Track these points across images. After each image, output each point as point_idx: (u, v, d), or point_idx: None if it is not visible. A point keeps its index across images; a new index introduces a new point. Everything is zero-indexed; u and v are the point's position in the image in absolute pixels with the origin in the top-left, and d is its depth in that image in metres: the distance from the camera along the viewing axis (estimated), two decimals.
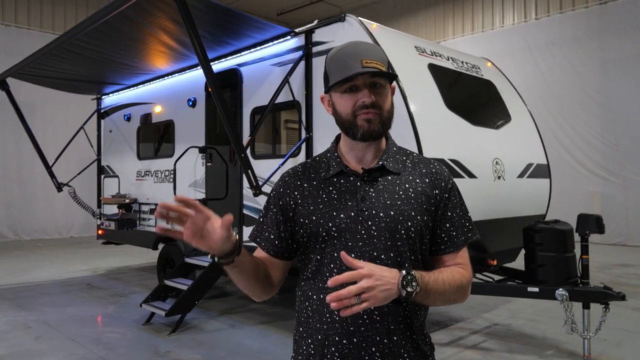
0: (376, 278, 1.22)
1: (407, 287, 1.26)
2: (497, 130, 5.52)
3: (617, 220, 11.63)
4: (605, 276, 8.04)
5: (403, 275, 1.27)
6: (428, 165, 1.54)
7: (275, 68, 5.62)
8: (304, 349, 1.48)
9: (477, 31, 15.15)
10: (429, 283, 1.34)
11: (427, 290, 1.33)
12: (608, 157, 12.17)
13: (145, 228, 7.61)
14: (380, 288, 1.22)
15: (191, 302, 5.55)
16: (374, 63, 1.41)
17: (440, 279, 1.38)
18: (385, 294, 1.23)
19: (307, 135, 5.21)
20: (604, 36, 12.27)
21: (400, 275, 1.27)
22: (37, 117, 12.92)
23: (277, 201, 1.55)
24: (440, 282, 1.38)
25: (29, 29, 14.14)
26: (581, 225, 4.40)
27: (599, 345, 4.71)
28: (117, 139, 8.52)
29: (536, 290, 4.45)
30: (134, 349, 4.85)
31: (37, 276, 8.50)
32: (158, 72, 7.20)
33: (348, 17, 4.96)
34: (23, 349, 4.81)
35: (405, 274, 1.28)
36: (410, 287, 1.27)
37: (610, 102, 12.16)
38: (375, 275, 1.22)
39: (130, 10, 4.77)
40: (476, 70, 5.89)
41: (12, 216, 13.69)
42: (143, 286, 7.59)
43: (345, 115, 1.45)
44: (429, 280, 1.34)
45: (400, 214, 1.42)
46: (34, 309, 6.30)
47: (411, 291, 1.27)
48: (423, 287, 1.31)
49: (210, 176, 6.39)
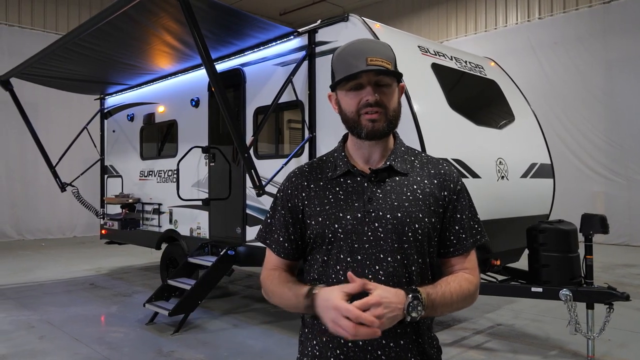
0: (385, 306, 1.23)
1: (412, 313, 1.27)
2: (501, 130, 5.50)
3: (620, 220, 11.58)
4: (609, 276, 8.02)
5: (409, 302, 1.27)
6: (437, 166, 1.51)
7: (278, 68, 5.62)
8: (309, 350, 1.48)
9: (480, 31, 15.12)
10: (436, 300, 1.34)
11: (434, 306, 1.33)
12: (612, 156, 12.13)
13: (148, 228, 7.63)
14: (387, 316, 1.23)
15: (194, 302, 5.55)
16: (379, 61, 1.38)
17: (447, 291, 1.37)
18: (391, 320, 1.25)
19: (310, 135, 5.21)
20: (608, 36, 12.23)
21: (407, 301, 1.27)
22: (41, 117, 12.95)
23: (285, 203, 1.53)
24: (447, 295, 1.37)
25: (32, 29, 14.18)
26: (585, 225, 4.39)
27: (602, 346, 4.69)
28: (120, 139, 8.54)
29: (540, 290, 4.45)
30: (137, 348, 4.85)
31: (40, 276, 8.53)
32: (161, 72, 7.20)
33: (351, 17, 4.96)
34: (27, 348, 4.83)
35: (411, 299, 1.28)
36: (415, 312, 1.28)
37: (614, 102, 12.12)
38: (384, 304, 1.23)
39: (133, 10, 4.78)
40: (479, 69, 5.88)
41: (15, 216, 13.72)
42: (146, 286, 7.60)
43: (350, 113, 1.43)
44: (435, 296, 1.34)
45: (408, 215, 1.40)
46: (38, 308, 6.32)
47: (415, 316, 1.28)
48: (429, 305, 1.31)
49: (214, 176, 6.39)
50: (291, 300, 1.40)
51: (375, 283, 1.29)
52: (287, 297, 1.42)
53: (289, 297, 1.41)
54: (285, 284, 1.45)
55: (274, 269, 1.53)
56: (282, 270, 1.53)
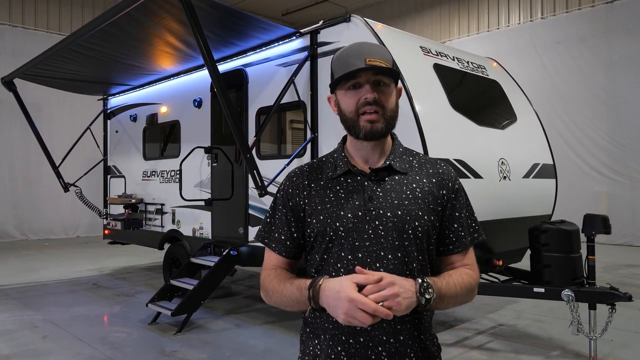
0: (399, 286, 1.25)
1: (425, 294, 1.29)
2: (503, 130, 5.50)
3: (623, 220, 11.56)
4: (612, 277, 8.00)
5: (419, 284, 1.30)
6: (435, 166, 1.54)
7: (280, 68, 5.63)
8: (310, 349, 1.49)
9: (482, 30, 15.11)
10: (442, 288, 1.36)
11: (441, 295, 1.35)
12: (614, 156, 12.10)
13: (151, 228, 7.65)
14: (404, 295, 1.25)
15: (197, 302, 5.57)
16: (378, 61, 1.41)
17: (451, 282, 1.40)
18: (407, 301, 1.26)
19: (312, 136, 5.22)
20: (611, 35, 12.20)
21: (417, 284, 1.30)
22: (44, 117, 12.98)
23: (286, 202, 1.54)
24: (452, 286, 1.40)
25: (35, 30, 14.23)
26: (587, 226, 4.38)
27: (605, 346, 4.69)
28: (123, 139, 8.56)
29: (542, 290, 4.44)
30: (140, 348, 4.87)
31: (43, 276, 8.56)
32: (164, 73, 7.23)
33: (353, 18, 4.96)
34: (30, 348, 4.85)
35: (421, 282, 1.30)
36: (428, 293, 1.30)
37: (616, 102, 12.09)
38: (399, 283, 1.25)
39: (136, 11, 4.80)
40: (482, 70, 5.87)
41: (19, 216, 13.77)
42: (149, 286, 7.63)
43: (349, 113, 1.45)
44: (441, 285, 1.36)
45: (408, 213, 1.43)
46: (41, 308, 6.35)
47: (429, 298, 1.30)
48: (437, 293, 1.33)
49: (216, 176, 6.41)
50: (293, 294, 1.40)
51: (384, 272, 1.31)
52: (289, 291, 1.42)
53: (291, 291, 1.41)
54: (287, 279, 1.46)
55: (273, 268, 1.54)
56: (282, 268, 1.54)
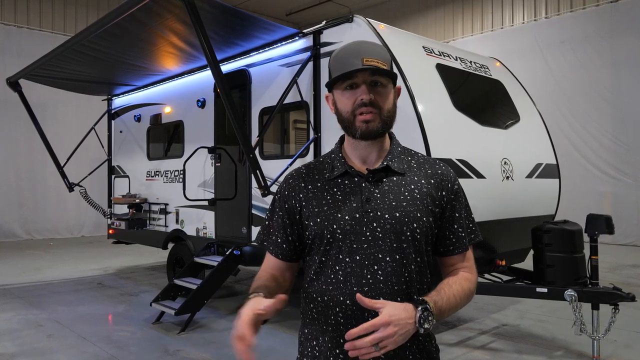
0: (395, 324, 1.24)
1: (425, 325, 1.28)
2: (506, 130, 5.50)
3: (628, 221, 11.52)
4: (616, 277, 7.98)
5: (420, 314, 1.28)
6: (434, 166, 1.52)
7: (283, 69, 5.64)
8: (309, 350, 1.49)
9: (486, 30, 15.07)
10: (443, 306, 1.35)
11: (442, 313, 1.35)
12: (619, 156, 12.05)
13: (155, 228, 7.68)
14: (399, 333, 1.24)
15: (200, 301, 5.59)
16: (375, 61, 1.38)
17: (452, 295, 1.39)
18: (403, 336, 1.26)
19: (315, 136, 5.23)
20: (615, 35, 12.15)
21: (417, 314, 1.28)
22: (49, 118, 13.05)
23: (282, 204, 1.54)
24: (452, 299, 1.39)
25: (40, 31, 14.29)
26: (590, 226, 4.38)
27: (608, 346, 4.68)
28: (127, 139, 8.60)
29: (545, 290, 4.44)
30: (144, 347, 4.90)
31: (48, 275, 8.60)
32: (167, 73, 7.25)
33: (356, 18, 4.97)
34: (35, 346, 4.88)
35: (421, 311, 1.28)
36: (427, 323, 1.28)
37: (621, 101, 12.04)
38: (393, 322, 1.24)
39: (139, 12, 4.82)
40: (485, 70, 5.87)
41: (24, 216, 13.84)
42: (153, 285, 7.66)
43: (345, 113, 1.43)
44: (442, 303, 1.35)
45: (406, 215, 1.41)
46: (46, 307, 6.38)
47: (428, 327, 1.29)
48: (438, 313, 1.32)
49: (219, 176, 6.43)
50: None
51: (384, 300, 1.30)
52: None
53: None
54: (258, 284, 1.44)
55: (265, 270, 1.54)
56: (271, 272, 1.53)
